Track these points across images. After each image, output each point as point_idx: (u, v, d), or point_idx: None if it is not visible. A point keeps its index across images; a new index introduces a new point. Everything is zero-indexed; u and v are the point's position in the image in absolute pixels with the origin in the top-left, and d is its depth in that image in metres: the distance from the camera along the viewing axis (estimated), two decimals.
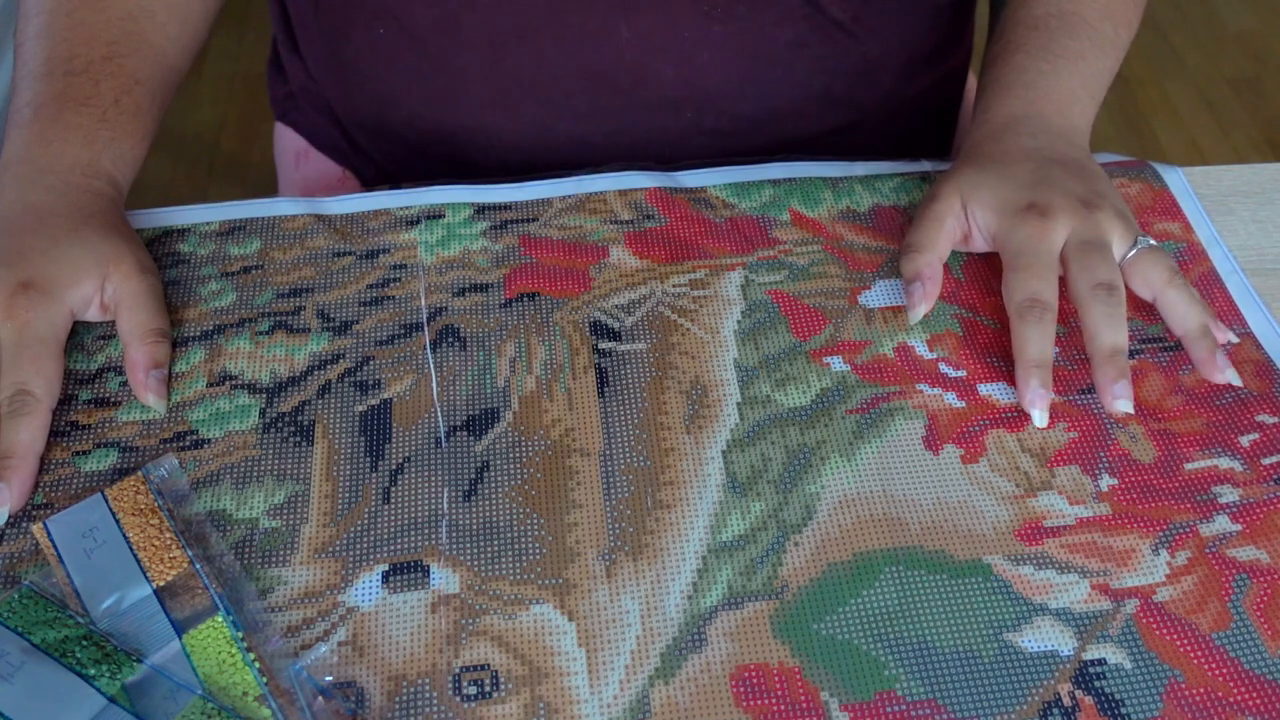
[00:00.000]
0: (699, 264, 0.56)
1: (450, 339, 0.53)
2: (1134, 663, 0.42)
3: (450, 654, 0.43)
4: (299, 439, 0.49)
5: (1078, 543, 0.46)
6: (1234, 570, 0.45)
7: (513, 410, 0.50)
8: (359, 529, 0.46)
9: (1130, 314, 0.53)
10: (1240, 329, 0.53)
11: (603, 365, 0.52)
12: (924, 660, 0.42)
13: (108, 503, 0.46)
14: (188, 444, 0.49)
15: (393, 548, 0.46)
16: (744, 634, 0.43)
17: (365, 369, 0.51)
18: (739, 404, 0.50)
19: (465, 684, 0.42)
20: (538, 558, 0.45)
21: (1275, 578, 0.45)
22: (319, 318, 0.54)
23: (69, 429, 0.49)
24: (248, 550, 0.45)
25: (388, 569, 0.45)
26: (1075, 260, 0.51)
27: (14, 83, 0.57)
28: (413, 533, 0.46)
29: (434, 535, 0.46)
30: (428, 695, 0.41)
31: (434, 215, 0.58)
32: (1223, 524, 0.46)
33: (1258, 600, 0.44)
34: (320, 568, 0.45)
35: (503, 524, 0.46)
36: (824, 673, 0.42)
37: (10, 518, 0.46)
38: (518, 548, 0.46)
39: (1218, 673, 0.42)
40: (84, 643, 0.42)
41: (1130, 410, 0.48)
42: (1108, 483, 0.47)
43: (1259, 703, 0.41)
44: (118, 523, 0.45)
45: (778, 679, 0.42)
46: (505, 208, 0.58)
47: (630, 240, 0.57)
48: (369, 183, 0.76)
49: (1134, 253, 0.51)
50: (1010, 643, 0.43)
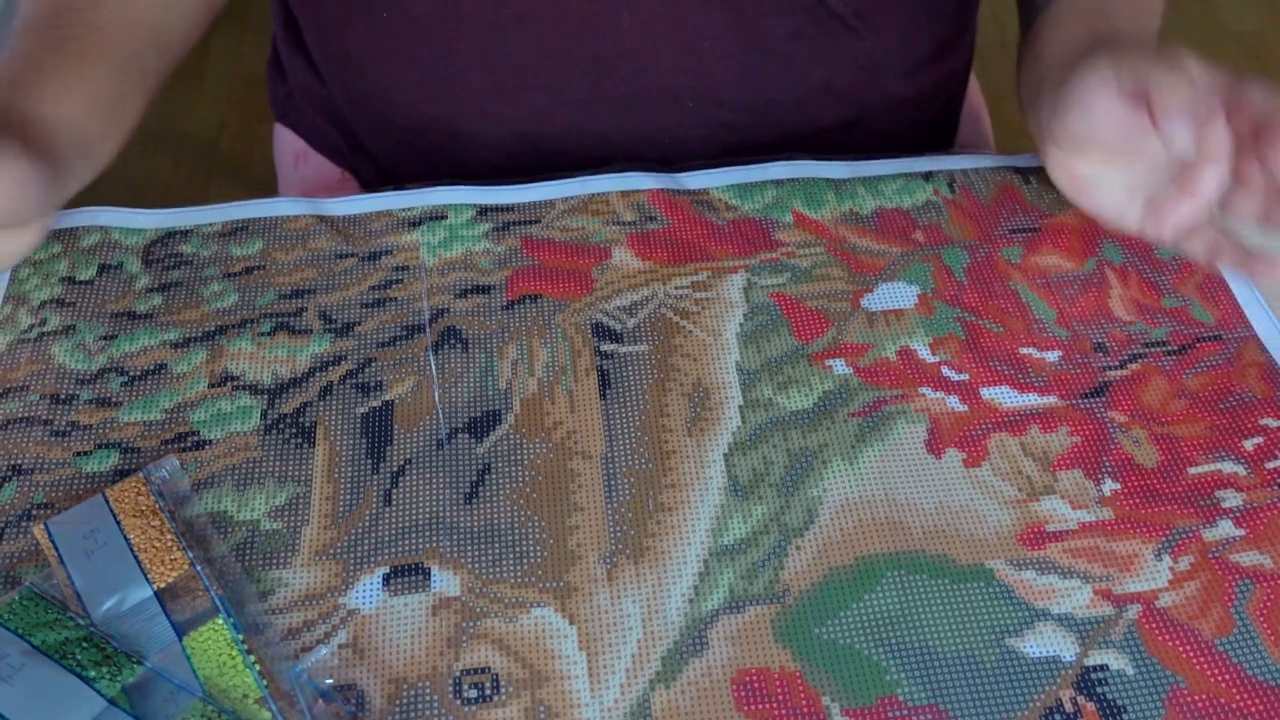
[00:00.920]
0: (701, 266, 0.56)
1: (452, 341, 0.53)
2: (1136, 668, 0.42)
3: (451, 657, 0.43)
4: (300, 440, 0.49)
5: (1080, 547, 0.46)
6: (1237, 575, 0.45)
7: (514, 412, 0.50)
8: (360, 531, 0.46)
9: (1134, 317, 0.53)
10: (1244, 331, 0.53)
11: (604, 367, 0.52)
12: (925, 665, 0.42)
13: (109, 504, 0.46)
14: (189, 445, 0.49)
15: (394, 550, 0.45)
16: (745, 638, 0.43)
17: (367, 371, 0.51)
18: (741, 407, 0.50)
19: (466, 687, 0.42)
20: (539, 560, 0.45)
21: (1279, 583, 0.44)
22: (321, 319, 0.53)
23: (70, 429, 0.49)
24: (248, 552, 0.45)
25: (388, 571, 0.45)
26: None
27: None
28: (414, 535, 0.46)
29: (435, 538, 0.46)
30: (428, 698, 0.41)
31: (436, 217, 0.58)
32: (1226, 529, 0.46)
33: (1261, 606, 0.44)
34: (321, 570, 0.45)
35: (504, 526, 0.46)
36: (825, 677, 0.42)
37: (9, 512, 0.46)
38: (519, 550, 0.45)
39: (1220, 679, 0.42)
40: (84, 644, 0.41)
41: None
42: (1110, 487, 0.47)
43: (1262, 709, 0.41)
44: (118, 524, 0.45)
45: (779, 683, 0.42)
46: (508, 209, 0.58)
47: (633, 242, 0.57)
48: (368, 184, 0.76)
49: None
50: (1012, 648, 0.43)
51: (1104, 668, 0.42)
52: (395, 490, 0.47)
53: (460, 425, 0.49)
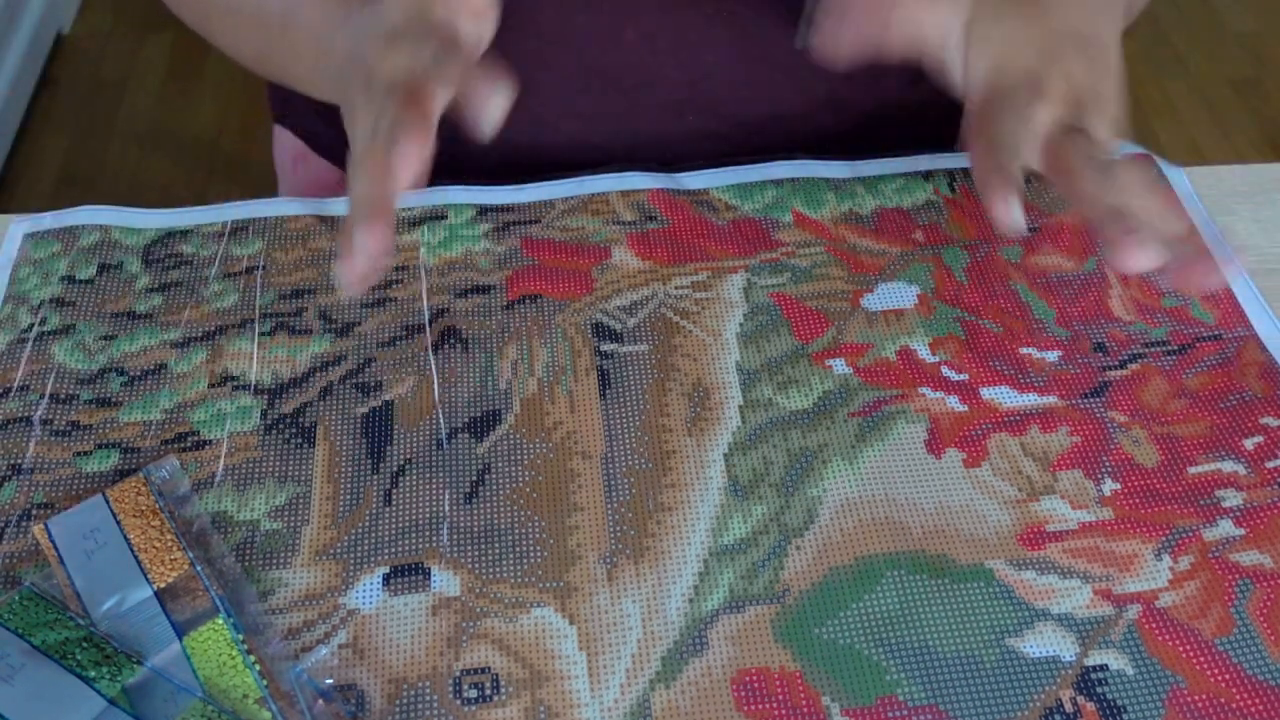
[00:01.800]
0: (701, 266, 0.56)
1: (452, 341, 0.53)
2: (1136, 669, 0.42)
3: (451, 657, 0.43)
4: (300, 440, 0.49)
5: (1080, 547, 0.46)
6: (1237, 575, 0.45)
7: (514, 412, 0.50)
8: (360, 531, 0.46)
9: (1134, 317, 0.53)
10: (1244, 331, 0.53)
11: (604, 367, 0.52)
12: (925, 665, 0.42)
13: (109, 504, 0.46)
14: (189, 445, 0.49)
15: (394, 550, 0.45)
16: (745, 638, 0.43)
17: (367, 371, 0.51)
18: (741, 406, 0.50)
19: (466, 687, 0.42)
20: (539, 560, 0.45)
21: (1279, 583, 0.44)
22: (321, 319, 0.54)
23: (70, 429, 0.49)
24: (248, 552, 0.45)
25: (388, 571, 0.45)
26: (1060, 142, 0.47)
27: None
28: (414, 535, 0.46)
29: (435, 538, 0.46)
30: (428, 698, 0.41)
31: (436, 217, 0.58)
32: (1226, 528, 0.46)
33: (1261, 605, 0.44)
34: (321, 570, 0.45)
35: (504, 526, 0.46)
36: (825, 677, 0.42)
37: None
38: (519, 550, 0.45)
39: (1220, 679, 0.42)
40: (84, 644, 0.41)
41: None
42: (1110, 487, 0.47)
43: (1262, 709, 0.41)
44: (119, 524, 0.45)
45: (779, 683, 0.42)
46: (507, 209, 0.58)
47: (633, 241, 0.57)
48: None
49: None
50: (1012, 648, 0.43)
51: (1104, 668, 0.42)
52: (395, 490, 0.47)
53: (460, 425, 0.49)
